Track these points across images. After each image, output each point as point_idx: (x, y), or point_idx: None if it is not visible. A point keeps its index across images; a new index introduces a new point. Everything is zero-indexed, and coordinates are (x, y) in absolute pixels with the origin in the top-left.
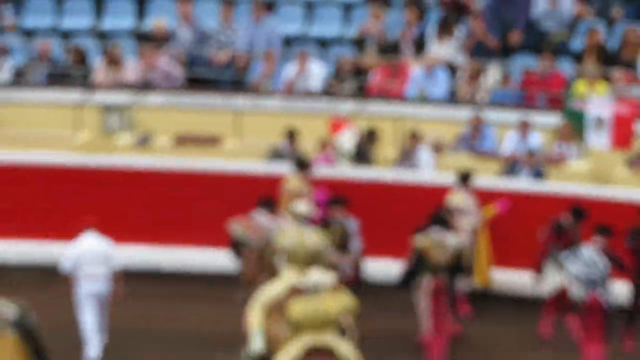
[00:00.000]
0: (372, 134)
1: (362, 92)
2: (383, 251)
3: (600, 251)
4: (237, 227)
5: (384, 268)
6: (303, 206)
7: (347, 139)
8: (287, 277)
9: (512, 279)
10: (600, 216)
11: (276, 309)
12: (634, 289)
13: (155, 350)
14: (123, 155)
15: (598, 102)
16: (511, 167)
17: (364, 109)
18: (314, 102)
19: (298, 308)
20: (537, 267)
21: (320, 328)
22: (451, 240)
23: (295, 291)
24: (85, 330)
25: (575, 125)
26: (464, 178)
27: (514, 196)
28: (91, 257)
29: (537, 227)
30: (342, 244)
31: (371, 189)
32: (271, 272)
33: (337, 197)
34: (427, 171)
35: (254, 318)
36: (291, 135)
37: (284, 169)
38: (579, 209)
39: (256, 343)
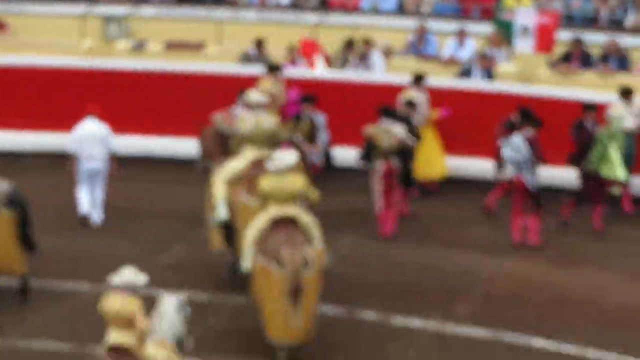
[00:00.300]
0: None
1: (325, 6)
2: (346, 140)
3: (526, 140)
4: (218, 118)
5: (348, 155)
6: (255, 94)
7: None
8: (249, 154)
9: (467, 166)
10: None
11: (239, 182)
12: (580, 175)
13: (142, 224)
14: (121, 59)
15: (524, 13)
16: (466, 70)
17: (325, 20)
18: (283, 14)
19: (267, 182)
20: (497, 158)
21: (286, 201)
22: (398, 130)
23: (257, 165)
24: (82, 205)
25: (504, 33)
26: (418, 79)
27: (466, 94)
28: (91, 139)
29: (485, 120)
30: (311, 136)
31: (334, 87)
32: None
33: (307, 95)
34: (379, 72)
35: (218, 190)
36: (259, 43)
37: (254, 70)
38: (526, 110)
39: (221, 211)
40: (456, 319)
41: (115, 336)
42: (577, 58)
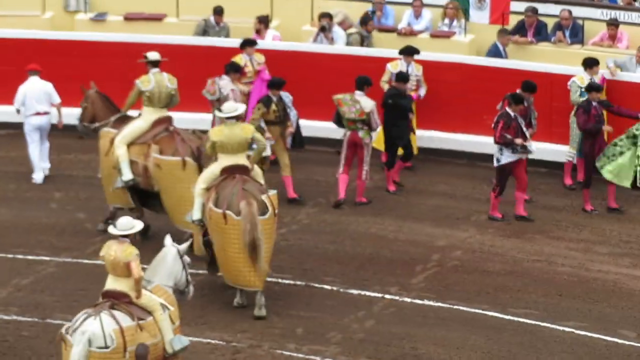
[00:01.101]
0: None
1: None
2: (314, 114)
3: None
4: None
5: (317, 126)
6: (154, 54)
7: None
8: (149, 115)
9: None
10: (480, 81)
11: (142, 142)
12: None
13: (84, 177)
14: (82, 31)
15: None
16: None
17: None
18: None
19: (217, 131)
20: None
21: (236, 150)
22: (364, 101)
23: (158, 124)
24: (32, 159)
25: (460, 5)
26: (410, 52)
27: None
28: (35, 96)
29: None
30: (284, 115)
31: (300, 58)
32: None
33: (275, 80)
34: (341, 44)
35: (121, 151)
36: (220, 11)
37: (214, 41)
38: (530, 83)
39: (125, 173)
40: (412, 289)
41: (112, 283)
42: (532, 27)
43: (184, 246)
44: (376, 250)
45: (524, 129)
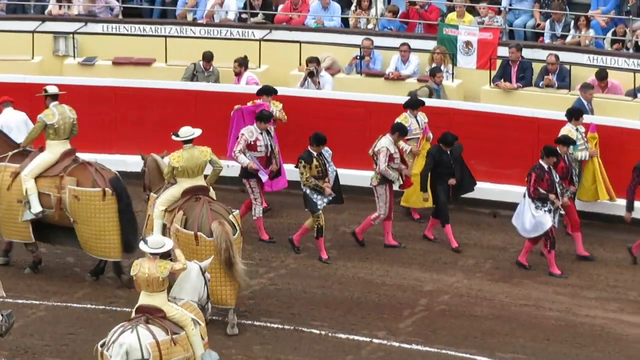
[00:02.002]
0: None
1: (270, 22)
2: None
3: None
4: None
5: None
6: (54, 87)
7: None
8: (55, 147)
9: None
10: (468, 126)
11: (53, 175)
12: None
13: None
14: (70, 76)
15: (466, 30)
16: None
17: (271, 36)
18: (230, 30)
19: (177, 157)
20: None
21: (196, 173)
22: (380, 142)
23: (66, 155)
24: None
25: (447, 50)
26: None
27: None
28: (15, 127)
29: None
30: (325, 170)
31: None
32: None
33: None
34: (328, 89)
35: (29, 185)
36: (209, 57)
37: (202, 86)
38: (568, 137)
39: (34, 206)
40: (400, 334)
41: (145, 299)
42: (516, 65)
43: (206, 263)
44: (364, 295)
45: (557, 182)
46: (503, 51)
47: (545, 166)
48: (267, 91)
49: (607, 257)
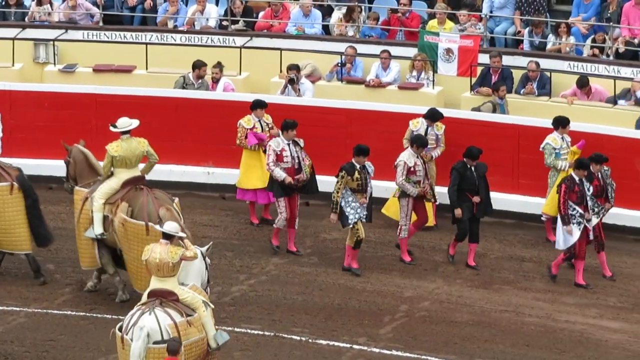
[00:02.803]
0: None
1: (251, 29)
2: None
3: None
4: None
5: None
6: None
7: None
8: None
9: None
10: (451, 132)
11: None
12: None
13: (53, 228)
14: (51, 83)
15: (447, 37)
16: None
17: (252, 43)
18: (210, 37)
19: (116, 147)
20: None
21: (134, 163)
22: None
23: None
24: None
25: (428, 57)
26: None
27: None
28: None
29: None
30: (365, 184)
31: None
32: None
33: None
34: (309, 96)
35: None
36: (200, 65)
37: (183, 93)
38: (600, 155)
39: None
40: (380, 340)
41: (157, 283)
42: (497, 73)
43: (205, 248)
44: (344, 301)
45: (588, 196)
46: (484, 58)
47: (577, 178)
48: (260, 104)
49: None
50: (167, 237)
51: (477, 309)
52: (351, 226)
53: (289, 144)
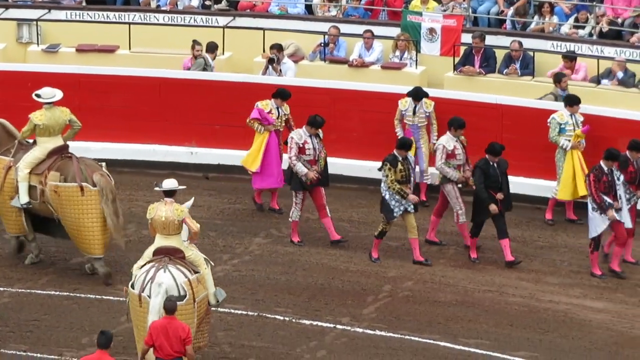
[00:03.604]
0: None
1: (234, 9)
2: None
3: None
4: None
5: None
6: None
7: None
8: None
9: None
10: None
11: None
12: None
13: None
14: (34, 63)
15: (430, 16)
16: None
17: (234, 23)
18: (193, 17)
19: (39, 115)
20: None
21: (57, 132)
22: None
23: None
24: None
25: (411, 37)
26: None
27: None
28: None
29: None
30: (409, 175)
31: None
32: None
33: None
34: (290, 76)
35: None
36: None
37: (165, 72)
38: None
39: None
40: (364, 320)
41: (162, 241)
42: (479, 54)
43: (189, 203)
44: (328, 281)
45: (617, 185)
46: (467, 38)
47: (605, 168)
48: (281, 95)
49: (570, 243)
50: (170, 194)
51: (460, 288)
52: (394, 219)
53: (310, 136)
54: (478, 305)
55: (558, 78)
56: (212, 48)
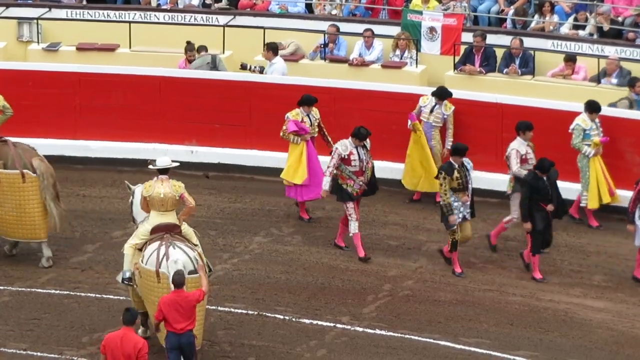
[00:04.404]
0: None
1: (234, 8)
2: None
3: None
4: None
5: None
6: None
7: None
8: None
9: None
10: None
11: None
12: None
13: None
14: (34, 61)
15: (430, 15)
16: None
17: (235, 22)
18: (193, 15)
19: None
20: None
21: None
22: None
23: None
24: None
25: (411, 36)
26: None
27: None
28: None
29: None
30: (466, 182)
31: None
32: None
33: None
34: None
35: None
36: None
37: (166, 71)
38: None
39: None
40: (364, 319)
41: (159, 218)
42: (480, 53)
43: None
44: (328, 280)
45: None
46: (467, 37)
47: None
48: (307, 101)
49: (570, 243)
50: (164, 171)
51: (460, 288)
52: (454, 227)
53: (356, 147)
54: (478, 305)
55: (632, 82)
56: (201, 50)
